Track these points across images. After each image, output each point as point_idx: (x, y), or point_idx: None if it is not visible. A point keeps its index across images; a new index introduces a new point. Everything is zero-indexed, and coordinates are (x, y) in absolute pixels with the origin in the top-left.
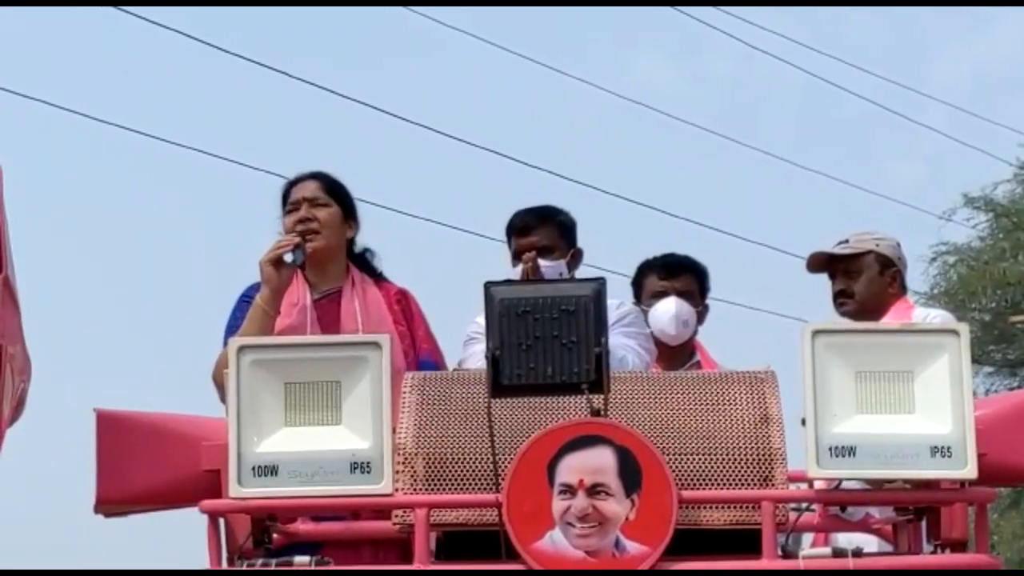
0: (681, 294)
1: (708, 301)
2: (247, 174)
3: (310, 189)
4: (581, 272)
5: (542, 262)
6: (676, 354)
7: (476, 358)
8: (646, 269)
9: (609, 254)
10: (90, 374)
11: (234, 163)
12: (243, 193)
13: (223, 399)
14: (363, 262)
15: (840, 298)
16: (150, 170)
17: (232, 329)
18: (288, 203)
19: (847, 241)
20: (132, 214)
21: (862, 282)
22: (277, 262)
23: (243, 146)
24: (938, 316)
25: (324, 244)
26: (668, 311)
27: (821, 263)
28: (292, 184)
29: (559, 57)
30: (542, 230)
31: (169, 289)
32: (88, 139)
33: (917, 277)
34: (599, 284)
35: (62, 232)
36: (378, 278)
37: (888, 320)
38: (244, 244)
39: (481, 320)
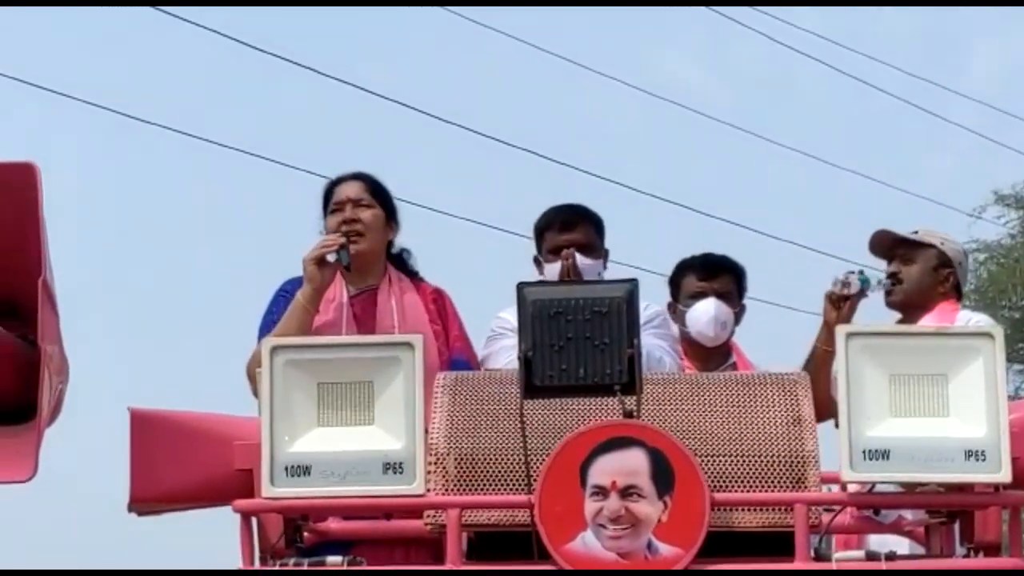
0: (720, 295)
1: (744, 301)
2: (284, 173)
3: (355, 190)
4: (608, 269)
5: (583, 259)
6: (712, 355)
7: (503, 355)
8: (684, 269)
9: (638, 252)
10: (123, 372)
11: (271, 161)
12: (281, 191)
13: (256, 394)
14: (400, 262)
15: (890, 279)
16: (194, 168)
17: (269, 324)
18: (332, 203)
19: (917, 232)
20: (164, 210)
21: (915, 270)
22: (320, 261)
23: (272, 143)
24: (982, 320)
25: (368, 246)
26: (707, 312)
27: (885, 244)
28: (335, 184)
29: (587, 54)
30: (583, 228)
31: (202, 286)
32: (118, 138)
33: None
34: (632, 285)
35: (90, 230)
36: (414, 278)
37: (930, 320)
38: (279, 241)
39: (506, 315)
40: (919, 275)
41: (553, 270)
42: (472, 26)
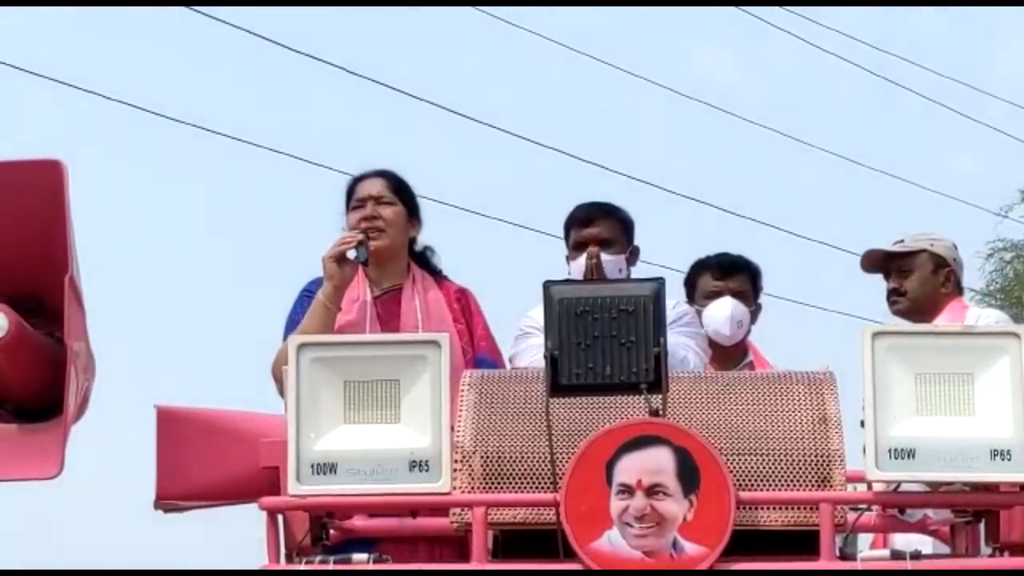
0: (735, 294)
1: (761, 300)
2: (312, 170)
3: (376, 187)
4: (637, 269)
5: (602, 255)
6: (729, 354)
7: (529, 353)
8: (700, 269)
9: (667, 251)
10: (149, 370)
11: (298, 159)
12: (308, 189)
13: (282, 394)
14: (423, 260)
15: (893, 296)
16: (221, 165)
17: (293, 324)
18: (353, 200)
19: (902, 241)
20: (189, 207)
21: (914, 280)
22: (340, 258)
23: (299, 141)
24: (991, 316)
25: (388, 243)
26: (723, 312)
27: (875, 261)
28: (357, 181)
29: (617, 53)
30: (603, 223)
31: (227, 283)
32: (145, 135)
33: (973, 273)
34: (658, 284)
35: (117, 227)
36: (438, 276)
37: (942, 320)
38: (305, 239)
39: (534, 314)
40: (920, 283)
41: (576, 266)
42: (504, 26)
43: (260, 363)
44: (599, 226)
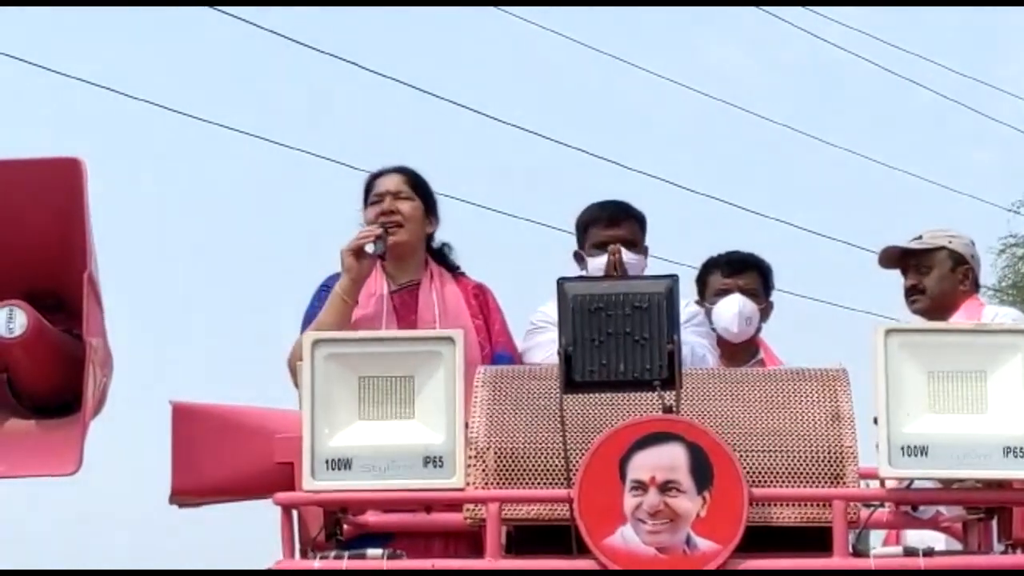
0: (745, 292)
1: (773, 298)
2: (329, 167)
3: (394, 182)
4: (649, 267)
5: (628, 255)
6: (739, 351)
7: (541, 348)
8: (710, 267)
9: (680, 248)
10: (164, 366)
11: (315, 156)
12: (326, 185)
13: (298, 386)
14: (441, 257)
15: (912, 294)
16: (237, 162)
17: (310, 318)
18: (371, 195)
19: (920, 237)
20: (206, 203)
21: (933, 278)
22: (358, 252)
23: (318, 139)
24: (1008, 314)
25: (406, 238)
26: (731, 309)
27: (893, 258)
28: (376, 177)
29: (632, 50)
30: (628, 224)
31: (245, 279)
32: (161, 131)
33: (986, 269)
34: (672, 281)
35: (133, 224)
36: (455, 273)
37: (958, 318)
38: (321, 235)
39: (546, 309)
40: (939, 280)
41: (597, 264)
42: (521, 23)
43: (275, 359)
44: (624, 228)
